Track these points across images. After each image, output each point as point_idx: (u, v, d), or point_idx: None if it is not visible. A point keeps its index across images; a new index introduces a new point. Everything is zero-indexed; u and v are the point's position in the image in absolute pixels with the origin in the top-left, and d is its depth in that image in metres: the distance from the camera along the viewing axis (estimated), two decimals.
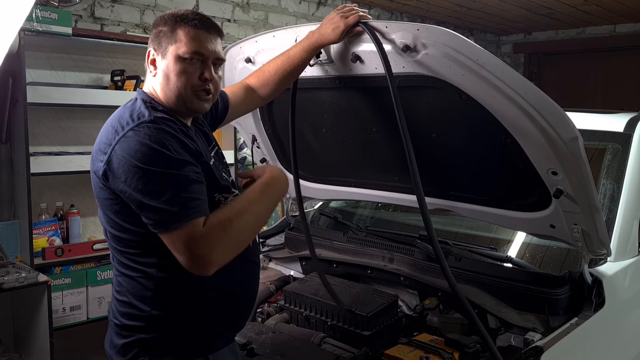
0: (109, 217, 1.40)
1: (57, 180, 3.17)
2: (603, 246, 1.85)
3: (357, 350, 1.78)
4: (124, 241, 1.41)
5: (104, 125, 1.42)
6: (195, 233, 1.27)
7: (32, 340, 2.84)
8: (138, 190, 1.28)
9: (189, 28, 1.44)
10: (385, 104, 1.88)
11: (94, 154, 1.40)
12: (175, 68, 1.44)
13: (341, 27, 1.67)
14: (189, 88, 1.45)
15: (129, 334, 1.43)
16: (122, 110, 1.42)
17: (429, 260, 2.10)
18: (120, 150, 1.31)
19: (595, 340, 1.86)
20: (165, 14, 1.50)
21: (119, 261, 1.45)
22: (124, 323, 1.44)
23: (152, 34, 1.49)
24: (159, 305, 1.41)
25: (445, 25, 1.44)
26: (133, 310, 1.42)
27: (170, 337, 1.42)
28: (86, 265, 3.07)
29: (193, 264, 1.28)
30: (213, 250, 1.27)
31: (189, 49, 1.43)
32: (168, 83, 1.45)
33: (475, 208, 2.02)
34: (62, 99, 2.95)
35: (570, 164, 1.61)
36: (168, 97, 1.46)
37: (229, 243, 1.31)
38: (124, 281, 1.44)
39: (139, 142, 1.30)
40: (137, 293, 1.41)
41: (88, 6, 3.35)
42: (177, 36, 1.44)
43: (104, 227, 1.46)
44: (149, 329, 1.41)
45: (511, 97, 1.53)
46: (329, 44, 1.74)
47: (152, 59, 1.49)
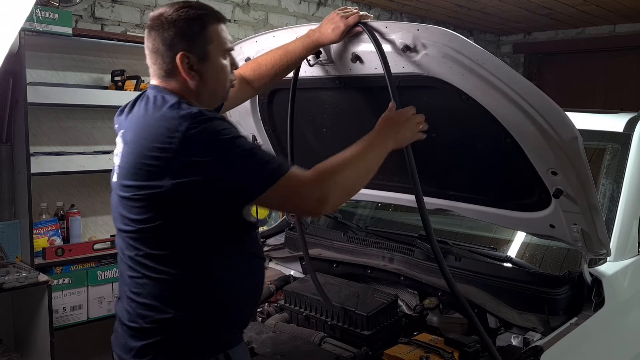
0: (143, 218, 1.37)
1: (57, 180, 3.17)
2: (603, 246, 1.85)
3: (357, 350, 1.79)
4: (154, 242, 1.38)
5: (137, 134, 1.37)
6: (303, 177, 1.35)
7: (33, 340, 2.84)
8: (232, 165, 1.30)
9: (220, 24, 1.46)
10: (385, 104, 1.88)
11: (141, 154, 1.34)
12: (218, 66, 1.46)
13: (341, 27, 1.67)
14: (227, 82, 1.50)
15: (148, 336, 1.40)
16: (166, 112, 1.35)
17: (429, 260, 2.11)
18: (197, 137, 1.29)
19: (595, 340, 1.86)
20: (175, 14, 1.43)
21: (140, 263, 1.41)
22: (143, 326, 1.40)
23: (176, 35, 1.41)
24: (182, 306, 1.40)
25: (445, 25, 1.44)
26: (155, 312, 1.39)
27: (192, 336, 1.41)
28: (86, 265, 3.07)
29: (309, 206, 1.37)
30: (328, 190, 1.36)
31: (227, 45, 1.47)
32: (206, 82, 1.45)
33: (475, 208, 2.02)
34: (63, 99, 2.95)
35: (570, 164, 1.61)
36: (202, 97, 1.46)
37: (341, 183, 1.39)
38: (145, 283, 1.40)
39: (213, 124, 1.32)
40: (160, 295, 1.39)
41: (88, 6, 3.35)
42: (210, 35, 1.43)
43: (125, 230, 1.42)
44: (171, 330, 1.39)
45: (511, 97, 1.54)
46: (328, 44, 1.75)
47: (188, 62, 1.43)
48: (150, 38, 1.46)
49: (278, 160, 1.35)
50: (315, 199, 1.36)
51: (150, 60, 1.49)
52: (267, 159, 1.33)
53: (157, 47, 1.44)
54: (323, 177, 1.37)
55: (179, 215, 1.35)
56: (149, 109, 1.40)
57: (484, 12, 5.46)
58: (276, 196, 1.33)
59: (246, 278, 1.49)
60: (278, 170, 1.32)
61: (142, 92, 1.57)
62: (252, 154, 1.32)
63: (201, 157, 1.29)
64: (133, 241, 1.41)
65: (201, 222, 1.37)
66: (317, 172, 1.38)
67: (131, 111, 1.49)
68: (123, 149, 1.44)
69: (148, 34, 1.47)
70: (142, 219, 1.38)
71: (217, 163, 1.29)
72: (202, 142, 1.29)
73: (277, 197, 1.34)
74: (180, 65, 1.42)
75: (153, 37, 1.45)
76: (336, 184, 1.38)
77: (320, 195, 1.36)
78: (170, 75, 1.45)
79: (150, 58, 1.48)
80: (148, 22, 1.47)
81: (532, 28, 6.35)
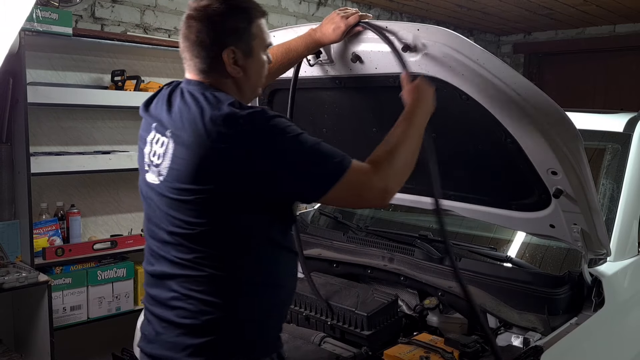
0: (204, 220, 1.33)
1: (57, 180, 3.17)
2: (602, 246, 1.85)
3: (357, 350, 1.78)
4: (215, 242, 1.35)
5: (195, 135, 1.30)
6: (365, 169, 1.35)
7: (33, 340, 2.84)
8: (299, 163, 1.29)
9: (263, 18, 1.44)
10: (386, 103, 1.88)
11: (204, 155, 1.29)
12: (260, 61, 1.45)
13: (342, 27, 1.68)
14: (264, 77, 1.50)
15: (208, 333, 1.36)
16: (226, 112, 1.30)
17: (429, 260, 2.11)
18: (262, 137, 1.28)
19: (595, 340, 1.86)
20: (224, 7, 1.38)
21: (201, 263, 1.36)
22: (204, 323, 1.35)
23: (225, 30, 1.38)
24: (246, 303, 1.38)
25: (445, 25, 1.44)
26: (218, 309, 1.35)
27: (257, 334, 1.40)
28: (86, 265, 3.07)
29: (374, 198, 1.38)
30: (388, 178, 1.37)
31: (269, 40, 1.47)
32: (249, 78, 1.44)
33: (475, 208, 2.02)
34: (63, 99, 2.95)
35: (570, 164, 1.61)
36: (244, 92, 1.45)
37: (398, 169, 1.40)
38: (209, 281, 1.36)
39: (277, 122, 1.30)
40: (224, 292, 1.36)
41: (88, 6, 3.35)
42: (255, 30, 1.42)
43: (178, 233, 1.37)
44: (234, 328, 1.37)
45: (511, 97, 1.54)
46: (329, 44, 1.75)
47: (234, 57, 1.39)
48: (193, 29, 1.39)
49: (340, 154, 1.34)
50: (380, 189, 1.37)
51: (189, 53, 1.41)
52: (331, 153, 1.33)
53: (202, 39, 1.38)
54: (382, 167, 1.37)
55: (242, 214, 1.34)
56: (204, 107, 1.33)
57: (484, 12, 5.46)
58: (340, 192, 1.33)
59: (293, 274, 1.50)
60: (341, 165, 1.32)
61: (168, 85, 1.52)
62: (317, 150, 1.32)
63: (268, 156, 1.28)
64: (190, 242, 1.36)
65: (262, 220, 1.36)
66: (375, 163, 1.38)
67: (170, 108, 1.42)
68: (174, 150, 1.36)
69: (189, 25, 1.39)
70: (202, 221, 1.34)
71: (285, 162, 1.29)
72: (268, 141, 1.28)
73: (341, 193, 1.33)
74: (227, 60, 1.38)
75: (198, 28, 1.38)
76: (394, 170, 1.39)
77: (384, 186, 1.37)
78: (212, 70, 1.40)
79: (190, 50, 1.41)
80: (190, 11, 1.40)
81: (532, 28, 6.35)
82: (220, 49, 1.38)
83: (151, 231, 1.47)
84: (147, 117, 1.52)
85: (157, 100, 1.50)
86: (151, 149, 1.45)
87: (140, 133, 1.55)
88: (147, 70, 3.52)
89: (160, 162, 1.40)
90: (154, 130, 1.45)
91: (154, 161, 1.43)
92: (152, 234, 1.47)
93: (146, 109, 1.53)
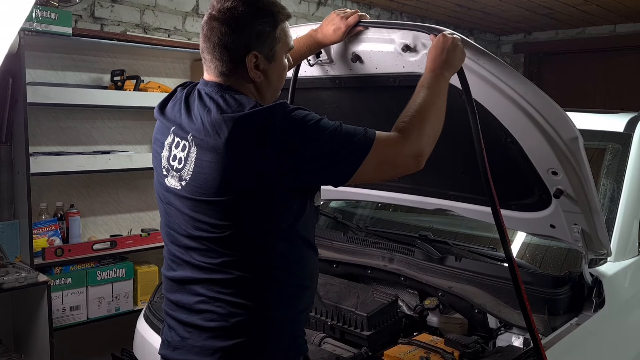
0: (232, 222, 1.32)
1: (57, 180, 3.17)
2: (603, 246, 1.85)
3: (357, 351, 1.78)
4: (245, 243, 1.33)
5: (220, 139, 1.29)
6: (393, 137, 1.35)
7: (32, 340, 2.84)
8: (319, 149, 1.29)
9: (287, 21, 1.42)
10: (386, 103, 1.88)
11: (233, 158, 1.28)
12: (282, 66, 1.43)
13: (342, 28, 1.67)
14: (284, 80, 1.48)
15: (237, 336, 1.33)
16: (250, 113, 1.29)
17: (429, 260, 2.11)
18: (288, 129, 1.28)
19: (595, 340, 1.86)
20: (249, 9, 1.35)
21: (231, 265, 1.34)
22: (235, 325, 1.33)
23: (250, 34, 1.35)
24: (273, 304, 1.36)
25: (445, 25, 1.44)
26: (250, 311, 1.33)
27: (280, 336, 1.38)
28: (86, 265, 3.07)
29: (407, 164, 1.39)
30: (420, 143, 1.37)
31: (291, 43, 1.45)
32: (270, 82, 1.42)
33: (475, 208, 2.02)
34: (62, 98, 2.94)
35: (571, 164, 1.61)
36: (264, 96, 1.43)
37: (429, 131, 1.40)
38: (239, 283, 1.34)
39: (299, 113, 1.31)
40: (256, 293, 1.34)
41: (88, 6, 3.34)
42: (279, 34, 1.39)
43: (204, 237, 1.34)
44: (261, 330, 1.35)
45: (511, 97, 1.53)
46: (330, 44, 1.75)
47: (256, 62, 1.37)
48: (215, 31, 1.36)
49: (361, 129, 1.33)
50: (412, 154, 1.37)
51: (211, 54, 1.38)
52: (353, 131, 1.32)
53: (224, 42, 1.35)
54: (411, 132, 1.36)
55: (272, 212, 1.33)
56: (225, 110, 1.31)
57: (484, 12, 5.46)
58: (372, 165, 1.32)
59: (317, 274, 1.49)
60: (366, 139, 1.31)
61: (182, 86, 1.49)
62: (340, 132, 1.31)
63: (295, 149, 1.28)
64: (217, 246, 1.33)
65: (290, 216, 1.35)
66: (402, 129, 1.37)
67: (189, 112, 1.39)
68: (198, 153, 1.33)
69: (212, 26, 1.36)
70: (229, 223, 1.32)
71: (313, 151, 1.29)
72: (293, 134, 1.28)
73: (373, 166, 1.33)
74: (249, 65, 1.36)
75: (221, 31, 1.35)
76: (423, 133, 1.38)
77: (415, 151, 1.37)
78: (233, 73, 1.38)
79: (211, 52, 1.38)
80: (213, 12, 1.36)
81: (532, 28, 6.35)
82: (243, 53, 1.36)
83: (171, 236, 1.44)
84: (163, 120, 1.48)
85: (174, 103, 1.47)
86: (170, 153, 1.41)
87: (156, 136, 1.51)
88: (147, 70, 3.52)
89: (182, 167, 1.37)
90: (173, 134, 1.42)
91: (175, 165, 1.39)
92: (172, 239, 1.44)
93: (162, 112, 1.49)
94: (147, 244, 3.27)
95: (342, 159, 1.32)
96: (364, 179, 1.35)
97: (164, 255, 1.50)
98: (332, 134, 1.30)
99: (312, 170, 1.31)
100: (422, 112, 1.40)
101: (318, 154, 1.30)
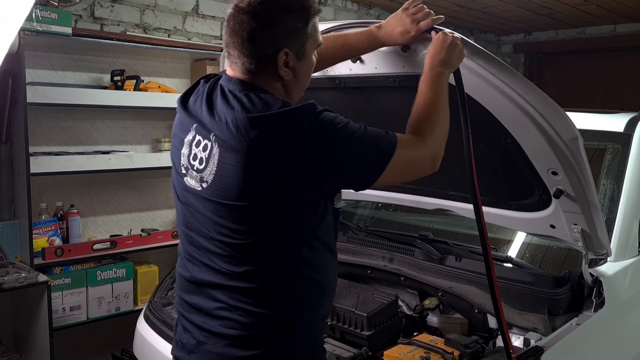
0: (257, 227, 1.29)
1: (57, 180, 3.17)
2: (603, 246, 1.85)
3: (357, 351, 1.78)
4: (269, 249, 1.31)
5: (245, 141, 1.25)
6: (412, 141, 1.36)
7: (32, 340, 2.84)
8: (347, 153, 1.28)
9: (317, 16, 1.37)
10: (386, 103, 1.88)
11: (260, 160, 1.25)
12: (311, 63, 1.40)
13: (412, 33, 1.54)
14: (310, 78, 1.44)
15: (259, 346, 1.30)
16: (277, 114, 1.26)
17: (429, 260, 2.11)
18: (316, 132, 1.26)
19: (595, 340, 1.86)
20: (282, 3, 1.31)
21: (255, 275, 1.31)
22: (258, 334, 1.31)
23: (281, 30, 1.30)
24: (296, 313, 1.34)
25: (445, 25, 1.43)
26: (267, 321, 1.31)
27: (302, 345, 1.35)
28: (86, 265, 3.07)
29: (425, 167, 1.40)
30: (434, 145, 1.38)
31: (320, 40, 1.40)
32: (299, 80, 1.38)
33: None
34: (62, 98, 2.95)
35: (571, 164, 1.61)
36: (292, 94, 1.39)
37: (440, 132, 1.41)
38: (258, 293, 1.31)
39: (327, 115, 1.29)
40: (274, 305, 1.31)
41: (88, 6, 3.34)
42: (310, 30, 1.34)
43: (228, 243, 1.30)
44: (283, 339, 1.32)
45: (511, 97, 1.53)
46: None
47: (286, 59, 1.32)
48: (245, 25, 1.29)
49: (383, 133, 1.32)
50: (429, 157, 1.39)
51: (238, 50, 1.31)
52: (377, 135, 1.32)
53: (254, 38, 1.29)
54: (425, 135, 1.37)
55: (297, 216, 1.29)
56: (251, 110, 1.27)
57: (484, 12, 5.46)
58: (394, 169, 1.32)
59: (336, 281, 1.47)
60: (389, 144, 1.31)
61: (205, 79, 1.44)
62: (366, 136, 1.30)
63: (323, 151, 1.25)
64: (240, 254, 1.30)
65: (314, 219, 1.31)
66: (417, 132, 1.38)
67: (211, 110, 1.34)
68: (221, 155, 1.29)
69: (240, 20, 1.30)
70: (252, 229, 1.29)
71: (340, 154, 1.27)
72: (321, 137, 1.26)
73: (394, 170, 1.32)
74: (279, 62, 1.31)
75: (251, 26, 1.29)
76: (435, 135, 1.39)
77: (432, 153, 1.39)
78: (261, 70, 1.32)
79: (239, 47, 1.31)
80: (242, 4, 1.30)
81: (532, 28, 6.34)
82: (274, 50, 1.30)
83: (188, 237, 1.40)
84: (185, 114, 1.42)
85: (196, 98, 1.41)
86: (191, 152, 1.36)
87: (175, 131, 1.45)
88: (147, 70, 3.52)
89: (203, 168, 1.32)
90: (195, 131, 1.37)
91: (195, 165, 1.34)
92: (189, 239, 1.40)
93: (184, 106, 1.43)
94: (147, 244, 3.27)
95: (368, 164, 1.31)
96: (384, 182, 1.34)
97: (180, 252, 1.46)
98: (359, 139, 1.29)
99: (338, 173, 1.29)
100: (430, 112, 1.41)
101: (345, 158, 1.28)
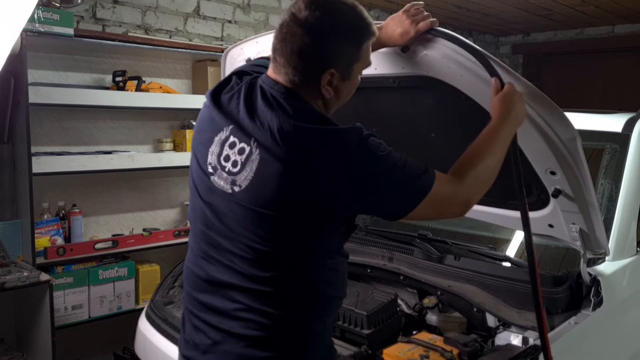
0: (287, 236, 1.30)
1: (59, 180, 3.17)
2: (601, 245, 1.86)
3: (357, 349, 1.79)
4: (292, 257, 1.32)
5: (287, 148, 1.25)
6: (450, 182, 1.34)
7: (34, 339, 2.85)
8: (389, 182, 1.28)
9: (371, 40, 1.35)
10: (385, 104, 1.89)
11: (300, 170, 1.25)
12: (354, 83, 1.38)
13: (411, 34, 1.54)
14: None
15: (278, 346, 1.32)
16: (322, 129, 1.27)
17: (428, 259, 2.12)
18: (360, 155, 1.26)
19: (593, 339, 1.87)
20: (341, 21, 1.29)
21: (277, 281, 1.31)
22: (272, 336, 1.32)
23: (334, 50, 1.29)
24: (317, 316, 1.37)
25: (444, 26, 1.44)
26: (287, 323, 1.33)
27: (318, 346, 1.39)
28: (88, 265, 3.08)
29: (455, 212, 1.39)
30: (471, 192, 1.37)
31: (370, 61, 1.39)
32: (339, 98, 1.38)
33: (474, 208, 2.02)
34: (64, 99, 2.96)
35: (569, 163, 1.62)
36: (330, 109, 1.39)
37: (481, 182, 1.40)
38: (280, 296, 1.32)
39: (372, 141, 1.28)
40: (295, 307, 1.33)
41: (90, 7, 3.36)
42: (361, 54, 1.34)
43: (255, 248, 1.30)
44: (302, 340, 1.35)
45: None
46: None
47: (330, 80, 1.31)
48: (297, 38, 1.27)
49: (423, 169, 1.31)
50: (461, 202, 1.38)
51: (285, 58, 1.30)
52: (416, 170, 1.30)
53: (304, 52, 1.28)
54: (466, 180, 1.36)
55: (324, 231, 1.32)
56: (297, 120, 1.27)
57: (483, 13, 5.47)
58: (425, 207, 1.31)
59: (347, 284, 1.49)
60: (427, 181, 1.30)
61: (239, 76, 1.42)
62: (406, 168, 1.29)
63: (363, 177, 1.26)
64: (264, 259, 1.31)
65: (337, 235, 1.35)
66: (459, 175, 1.36)
67: (251, 112, 1.32)
68: (261, 162, 1.27)
69: (294, 31, 1.27)
70: (281, 238, 1.30)
71: (379, 182, 1.27)
72: (364, 162, 1.26)
73: (425, 208, 1.31)
74: (323, 81, 1.30)
75: (303, 40, 1.27)
76: (478, 183, 1.39)
77: (466, 199, 1.38)
78: (304, 84, 1.31)
79: (287, 56, 1.29)
80: (300, 16, 1.27)
81: (530, 29, 6.35)
82: (321, 69, 1.29)
83: (207, 236, 1.38)
84: (216, 111, 1.38)
85: (231, 95, 1.38)
86: (222, 152, 1.34)
87: (204, 127, 1.42)
88: (149, 70, 3.53)
89: (237, 171, 1.30)
90: (230, 132, 1.34)
91: (227, 167, 1.32)
92: (208, 239, 1.38)
93: (215, 101, 1.39)
94: (148, 243, 3.29)
95: (403, 197, 1.31)
96: (411, 217, 1.34)
97: (192, 249, 1.44)
98: (400, 171, 1.29)
99: (373, 201, 1.30)
100: (480, 159, 1.39)
101: (383, 188, 1.28)
